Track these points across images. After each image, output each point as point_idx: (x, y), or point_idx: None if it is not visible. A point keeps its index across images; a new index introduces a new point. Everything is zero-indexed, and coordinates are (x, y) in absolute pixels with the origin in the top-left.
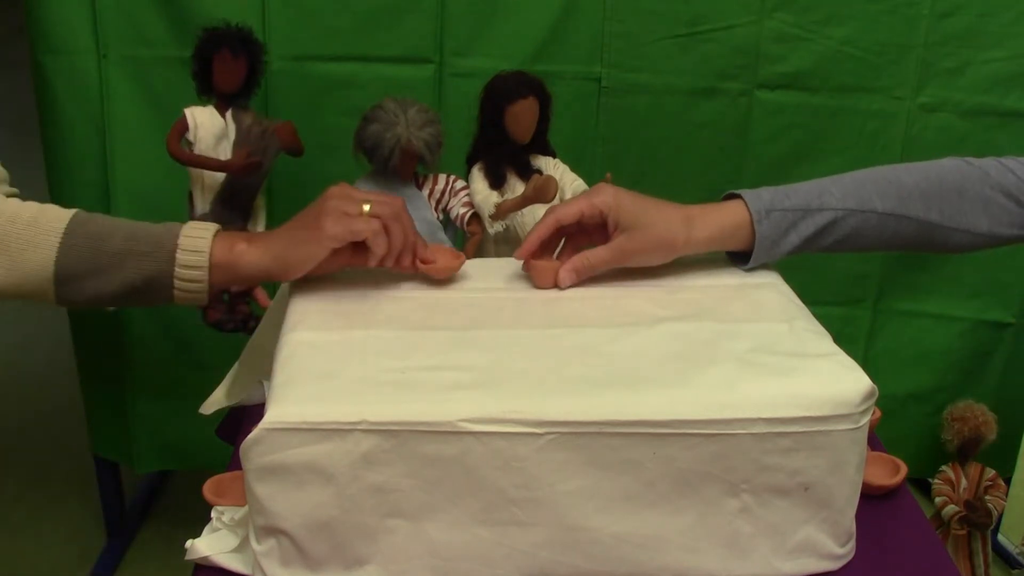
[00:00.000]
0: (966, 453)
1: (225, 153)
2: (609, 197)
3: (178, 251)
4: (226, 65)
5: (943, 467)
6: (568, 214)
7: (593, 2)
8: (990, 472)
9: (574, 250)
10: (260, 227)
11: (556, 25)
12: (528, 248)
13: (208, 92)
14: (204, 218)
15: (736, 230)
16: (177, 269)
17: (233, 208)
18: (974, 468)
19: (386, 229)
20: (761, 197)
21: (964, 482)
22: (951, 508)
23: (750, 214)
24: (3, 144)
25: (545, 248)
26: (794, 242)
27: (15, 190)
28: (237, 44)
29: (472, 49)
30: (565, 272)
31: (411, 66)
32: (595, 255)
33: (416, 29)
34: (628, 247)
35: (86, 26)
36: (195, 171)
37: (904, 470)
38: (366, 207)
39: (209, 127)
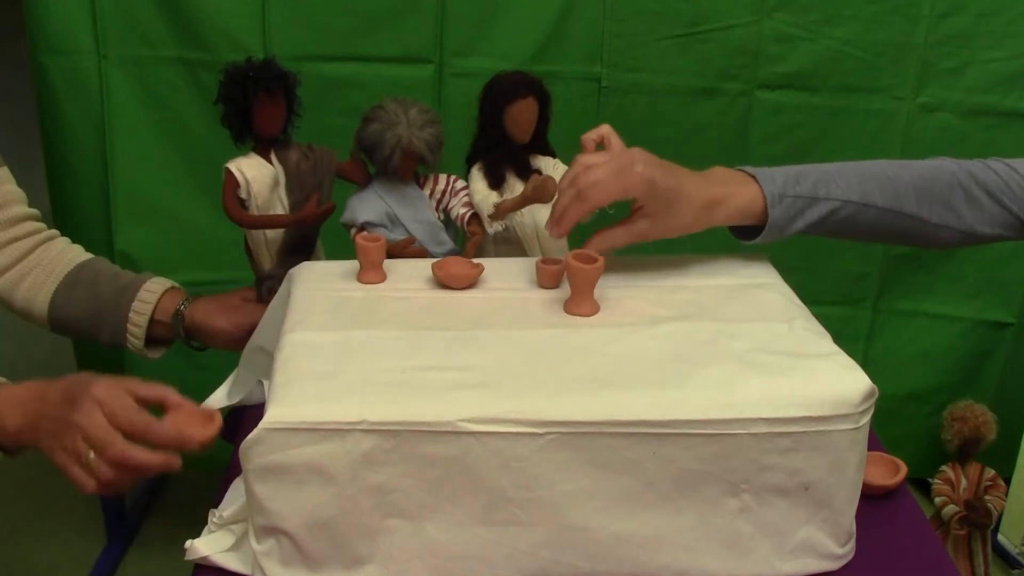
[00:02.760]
0: (966, 453)
1: (281, 200)
2: (643, 185)
3: None
4: (266, 110)
5: (943, 467)
6: (604, 199)
7: (593, 2)
8: (990, 472)
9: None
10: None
11: (556, 25)
12: (566, 228)
13: (244, 138)
14: (273, 275)
15: (750, 214)
16: None
17: (299, 254)
18: (974, 468)
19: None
20: (775, 180)
21: (964, 482)
22: (951, 508)
23: (764, 199)
24: (3, 144)
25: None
26: (799, 227)
27: (35, 211)
28: (273, 83)
29: (472, 49)
30: (596, 245)
31: (411, 66)
32: (617, 237)
33: (416, 29)
34: (649, 234)
35: (86, 26)
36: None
37: (904, 470)
38: (91, 455)
39: (261, 177)
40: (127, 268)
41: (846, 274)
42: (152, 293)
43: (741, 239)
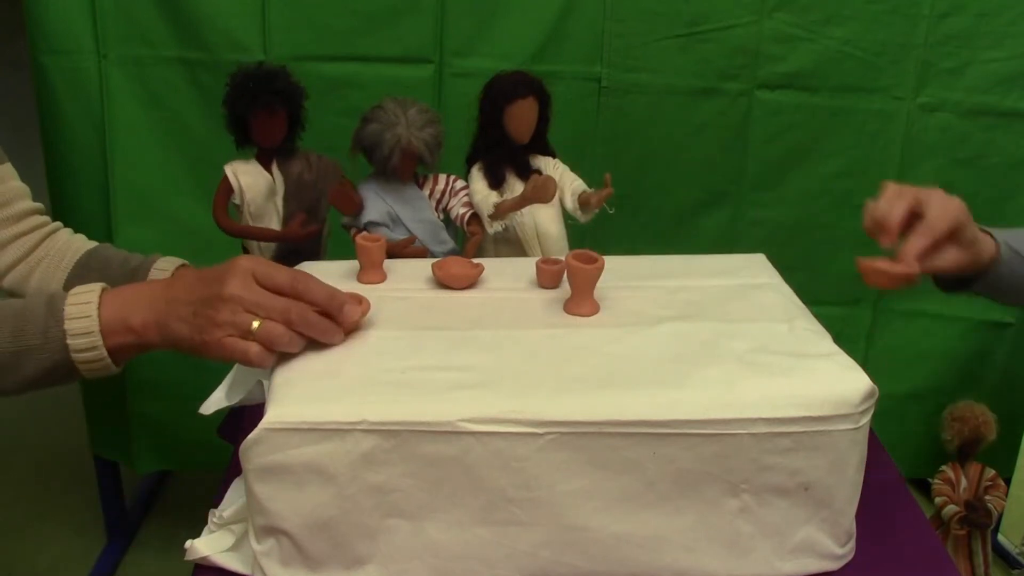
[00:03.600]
0: (966, 453)
1: (277, 209)
2: (965, 213)
3: (68, 337)
4: (263, 123)
5: (943, 467)
6: (944, 225)
7: (593, 2)
8: (990, 472)
9: None
10: None
11: (556, 25)
12: (914, 263)
13: (246, 144)
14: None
15: (990, 260)
16: (74, 355)
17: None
18: (974, 468)
19: (289, 323)
20: (1000, 235)
21: (964, 482)
22: (951, 508)
23: (998, 248)
24: (3, 144)
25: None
26: (1009, 281)
27: (40, 205)
28: (271, 98)
29: (472, 49)
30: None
31: (411, 66)
32: (934, 265)
33: (416, 29)
34: (961, 262)
35: (86, 26)
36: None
37: None
38: (255, 324)
39: (256, 185)
40: None
41: (846, 274)
42: (164, 272)
43: (948, 290)
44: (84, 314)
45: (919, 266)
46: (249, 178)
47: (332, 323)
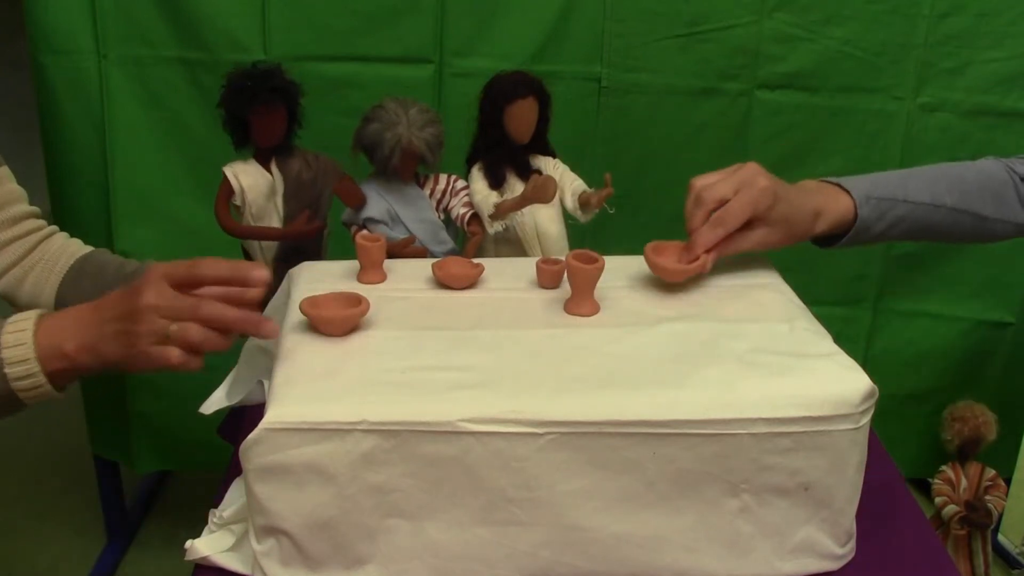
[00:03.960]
0: (966, 453)
1: (277, 208)
2: (769, 199)
3: (5, 366)
4: (263, 120)
5: (943, 467)
6: (738, 221)
7: (593, 2)
8: (990, 472)
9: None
10: None
11: (556, 25)
12: (710, 255)
13: (245, 144)
14: (271, 283)
15: (845, 221)
16: (12, 384)
17: (295, 265)
18: (974, 468)
19: (203, 321)
20: (858, 186)
21: (964, 482)
22: (951, 508)
23: (855, 204)
24: (3, 144)
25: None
26: (881, 228)
27: (36, 209)
28: (270, 96)
29: (472, 49)
30: (710, 261)
31: (411, 66)
32: (739, 246)
33: (416, 29)
34: (768, 241)
35: (86, 26)
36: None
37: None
38: (172, 327)
39: (257, 186)
40: None
41: (846, 274)
42: None
43: (822, 246)
44: (19, 342)
45: (711, 255)
46: (249, 179)
47: (247, 313)
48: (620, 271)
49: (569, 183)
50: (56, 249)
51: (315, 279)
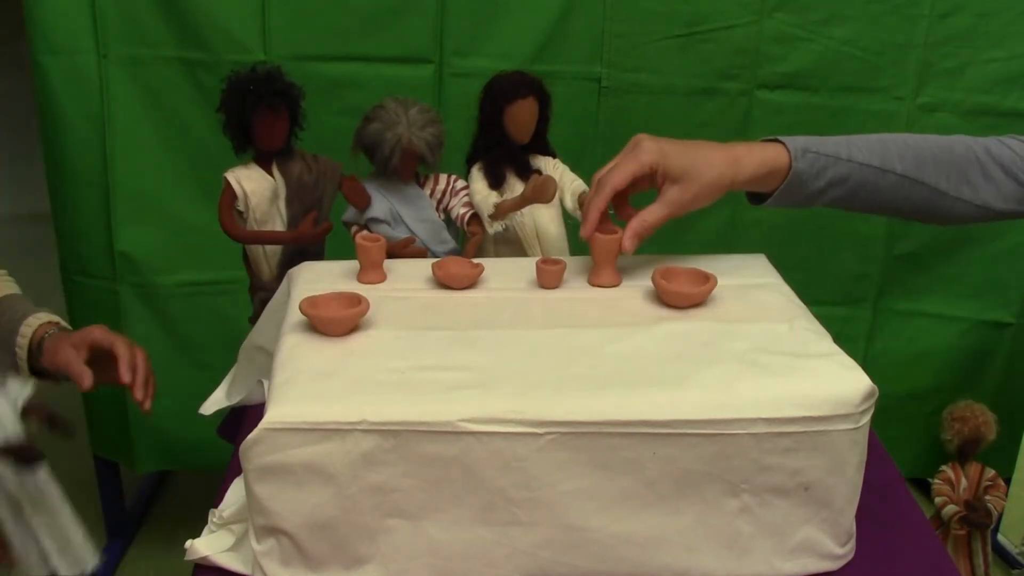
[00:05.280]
0: (966, 453)
1: (280, 212)
2: (655, 153)
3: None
4: (266, 123)
5: (943, 467)
6: (621, 179)
7: (593, 2)
8: (990, 472)
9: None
10: None
11: (556, 25)
12: (592, 223)
13: (246, 148)
14: (268, 288)
15: (775, 169)
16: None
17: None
18: (974, 468)
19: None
20: (797, 140)
21: (964, 482)
22: (951, 508)
23: (789, 153)
24: (3, 144)
25: (605, 217)
26: (820, 185)
27: None
28: (274, 98)
29: (472, 49)
30: (628, 239)
31: (411, 66)
32: (651, 214)
33: (416, 29)
34: (682, 199)
35: (86, 26)
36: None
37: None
38: None
39: (260, 190)
40: (127, 268)
41: (846, 274)
42: (30, 328)
43: (758, 204)
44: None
45: (631, 234)
46: (252, 183)
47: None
48: (621, 271)
49: (569, 183)
50: None
51: (315, 279)
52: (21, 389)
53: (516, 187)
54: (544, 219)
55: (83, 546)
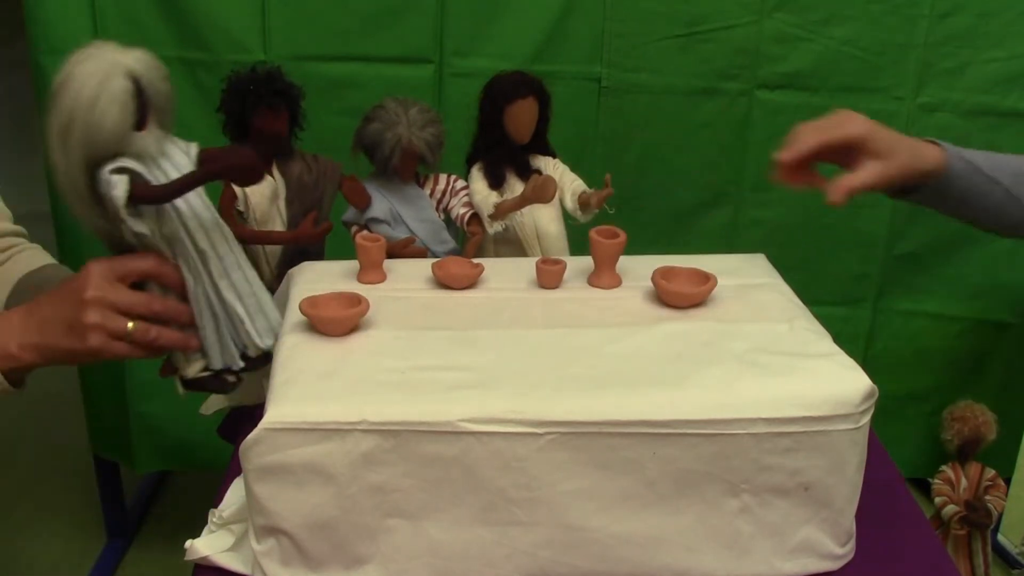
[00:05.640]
0: (966, 453)
1: (280, 212)
2: (864, 128)
3: None
4: (268, 122)
5: (943, 467)
6: (834, 137)
7: (593, 2)
8: (990, 472)
9: None
10: None
11: (556, 25)
12: (792, 154)
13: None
14: (272, 286)
15: (934, 169)
16: None
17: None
18: (974, 468)
19: (156, 315)
20: (947, 146)
21: (964, 482)
22: (951, 508)
23: (945, 155)
24: (3, 144)
25: (801, 166)
26: (957, 192)
27: (19, 228)
28: (274, 98)
29: (472, 49)
30: (839, 193)
31: (411, 66)
32: (862, 178)
33: (416, 29)
34: (888, 173)
35: (86, 26)
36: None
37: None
38: (130, 326)
39: (259, 191)
40: None
41: (846, 274)
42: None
43: (896, 197)
44: None
45: (841, 189)
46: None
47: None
48: (621, 271)
49: (569, 183)
50: (20, 265)
51: (315, 279)
52: (188, 145)
53: (516, 187)
54: (544, 219)
55: (274, 314)
